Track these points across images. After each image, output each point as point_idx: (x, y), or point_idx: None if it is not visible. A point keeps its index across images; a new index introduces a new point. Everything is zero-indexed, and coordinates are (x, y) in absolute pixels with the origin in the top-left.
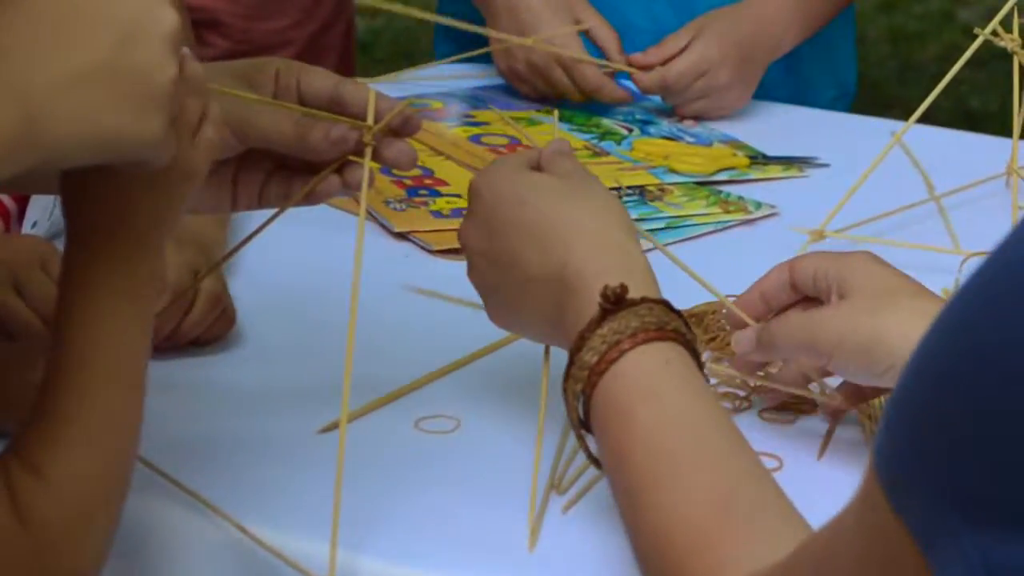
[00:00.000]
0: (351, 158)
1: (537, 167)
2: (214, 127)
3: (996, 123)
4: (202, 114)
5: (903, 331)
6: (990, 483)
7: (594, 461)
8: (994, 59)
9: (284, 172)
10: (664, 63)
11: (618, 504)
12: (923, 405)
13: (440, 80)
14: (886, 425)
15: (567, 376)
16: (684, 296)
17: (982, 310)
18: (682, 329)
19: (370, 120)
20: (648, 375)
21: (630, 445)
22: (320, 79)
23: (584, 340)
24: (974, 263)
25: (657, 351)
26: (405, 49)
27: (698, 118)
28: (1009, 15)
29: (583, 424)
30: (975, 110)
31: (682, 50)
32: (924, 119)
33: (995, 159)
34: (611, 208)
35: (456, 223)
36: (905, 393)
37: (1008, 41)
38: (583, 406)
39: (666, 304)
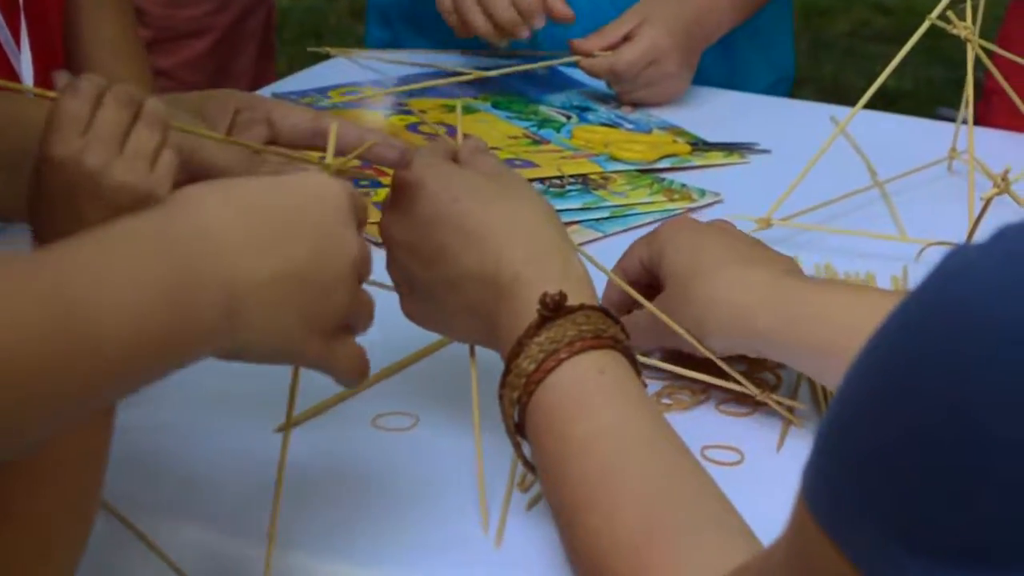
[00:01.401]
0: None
1: (454, 160)
2: (171, 152)
3: (912, 101)
4: (161, 142)
5: (719, 322)
6: (935, 514)
7: (530, 467)
8: (906, 35)
9: None
10: (606, 49)
11: (554, 520)
12: (861, 436)
13: (380, 63)
14: (818, 454)
15: (503, 383)
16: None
17: (922, 338)
18: (619, 336)
19: (330, 155)
20: (583, 386)
21: (564, 463)
22: (297, 114)
23: (522, 347)
24: (932, 252)
25: (593, 360)
26: (313, 29)
27: (639, 104)
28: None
29: (519, 430)
30: (890, 88)
31: (627, 37)
32: (840, 99)
33: (936, 143)
34: (545, 211)
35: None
36: (839, 423)
37: (961, 29)
38: (519, 413)
39: (603, 311)
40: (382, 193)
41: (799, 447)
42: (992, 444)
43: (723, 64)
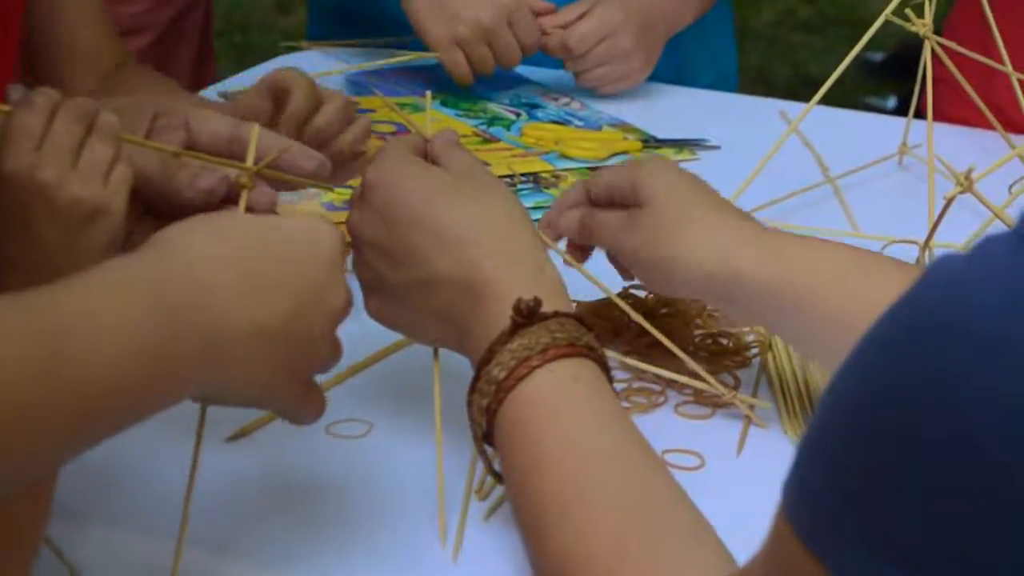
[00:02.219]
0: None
1: (424, 155)
2: (125, 166)
3: (835, 89)
4: (114, 156)
5: (698, 255)
6: (924, 531)
7: (497, 477)
8: (829, 24)
9: (152, 220)
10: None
11: (519, 528)
12: (847, 452)
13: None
14: (800, 469)
15: (472, 390)
16: (586, 288)
17: (910, 356)
18: (593, 344)
19: (250, 160)
20: (555, 395)
21: (534, 472)
22: (215, 121)
23: (493, 353)
24: (895, 250)
25: (566, 368)
26: (239, 22)
27: (597, 87)
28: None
29: (487, 439)
30: (814, 75)
31: (583, 16)
32: (765, 88)
33: (885, 139)
34: (521, 215)
35: (334, 216)
36: (824, 439)
37: (920, 26)
38: (487, 421)
39: (577, 318)
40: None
41: (760, 450)
42: (983, 462)
43: (668, 61)
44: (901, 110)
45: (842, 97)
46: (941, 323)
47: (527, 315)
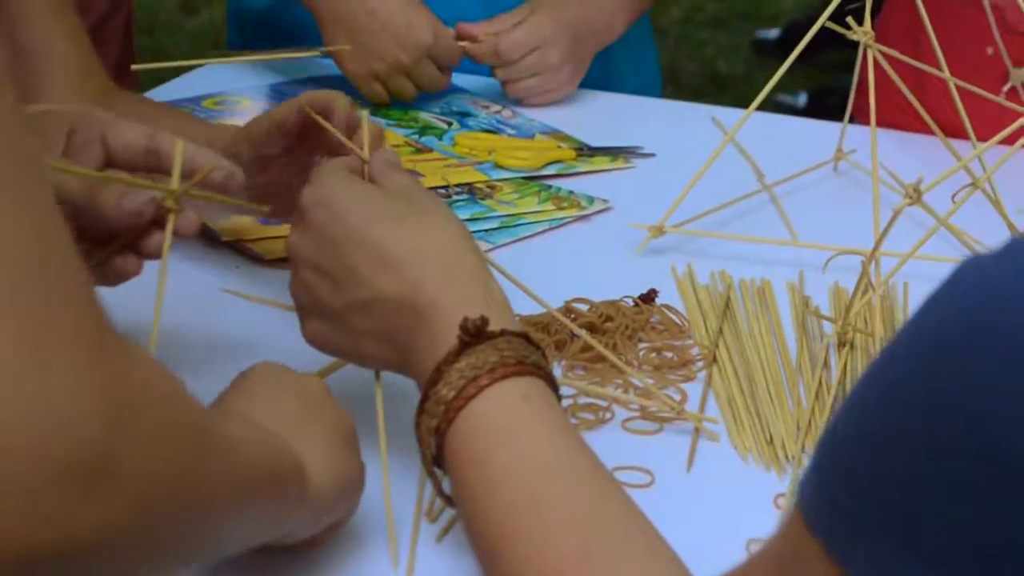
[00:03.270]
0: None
1: (362, 175)
2: None
3: (743, 85)
4: None
5: None
6: (955, 532)
7: (447, 500)
8: (736, 20)
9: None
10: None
11: (473, 549)
12: (872, 458)
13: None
14: (819, 474)
15: (420, 411)
16: (524, 301)
17: (942, 359)
18: (541, 362)
19: (175, 181)
20: (506, 414)
21: (488, 490)
22: (131, 132)
23: (441, 374)
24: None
25: (515, 387)
26: (145, 25)
27: (525, 97)
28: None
29: (436, 460)
30: (722, 73)
31: (515, 25)
32: (676, 86)
33: (820, 145)
34: (463, 234)
35: (285, 230)
36: (846, 444)
37: (860, 34)
38: (437, 442)
39: (525, 336)
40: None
41: (710, 465)
42: (1016, 466)
43: (595, 68)
44: (811, 108)
45: (752, 95)
46: (972, 327)
47: (474, 334)
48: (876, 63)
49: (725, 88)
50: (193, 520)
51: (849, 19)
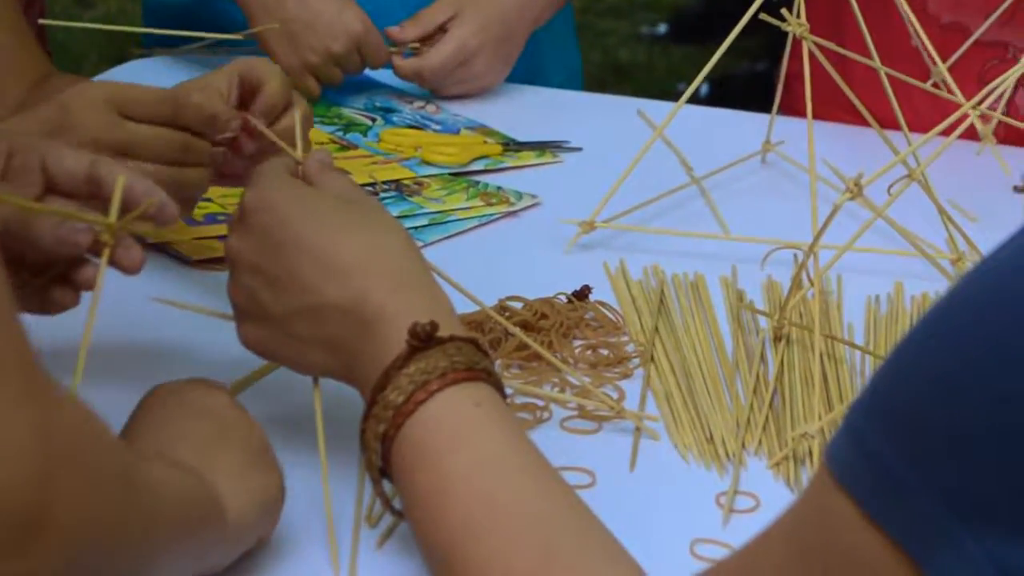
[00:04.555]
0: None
1: (295, 174)
2: None
3: (644, 74)
4: None
5: None
6: (1000, 489)
7: (393, 511)
8: (637, 9)
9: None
10: (423, 40)
11: (427, 555)
12: (920, 411)
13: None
14: (856, 434)
15: (367, 416)
16: (457, 300)
17: (994, 310)
18: (491, 368)
19: (113, 215)
20: (458, 418)
21: (443, 493)
22: (71, 159)
23: (389, 379)
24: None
25: (466, 392)
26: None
27: (452, 98)
28: None
29: (382, 466)
30: (624, 62)
31: (440, 27)
32: (570, 73)
33: (747, 136)
34: (407, 240)
35: (211, 229)
36: (898, 403)
37: (795, 26)
38: (384, 448)
39: (474, 342)
40: None
41: (650, 463)
42: None
43: (520, 62)
44: (713, 96)
45: (654, 83)
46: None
47: (424, 339)
48: (811, 54)
49: (627, 77)
50: (120, 568)
51: (784, 11)
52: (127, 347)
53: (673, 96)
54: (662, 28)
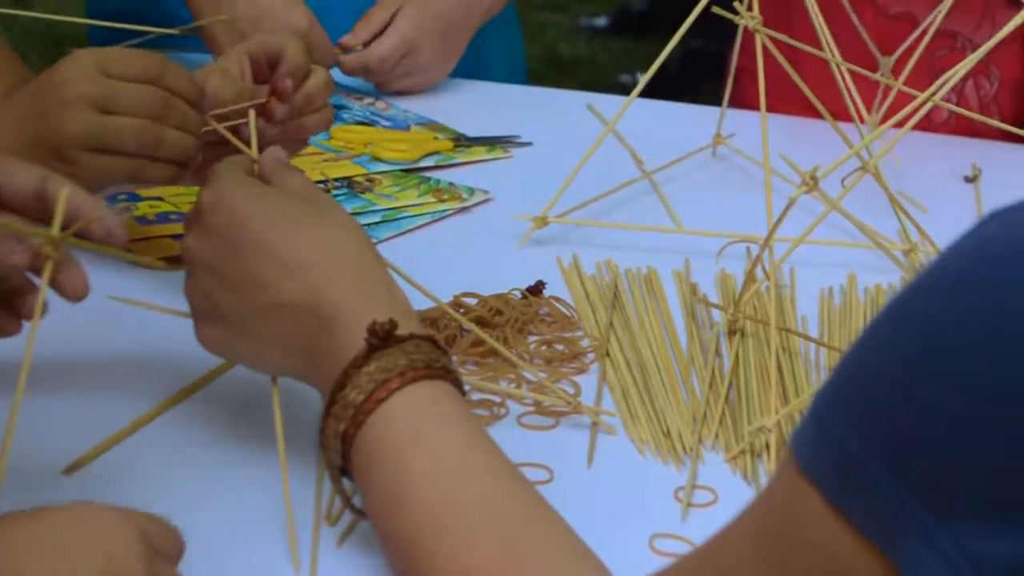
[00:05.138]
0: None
1: (251, 173)
2: None
3: (587, 68)
4: None
5: None
6: (963, 476)
7: (353, 509)
8: (575, 3)
9: None
10: (371, 42)
11: (389, 552)
12: (885, 401)
13: None
14: (819, 425)
15: (327, 415)
16: (412, 296)
17: (958, 298)
18: (450, 366)
19: (55, 228)
20: (418, 416)
21: (404, 491)
22: (22, 175)
23: (349, 377)
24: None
25: (426, 390)
26: None
27: (400, 93)
28: None
29: (342, 465)
30: (565, 56)
31: (387, 25)
32: (511, 68)
33: (697, 129)
34: (364, 238)
35: (164, 228)
36: (864, 393)
37: (748, 19)
38: (344, 446)
39: (433, 341)
40: (143, 206)
41: (608, 459)
42: None
43: (465, 57)
44: (651, 88)
45: (597, 77)
46: (998, 266)
47: (383, 338)
48: (764, 48)
49: (568, 71)
50: None
51: (736, 4)
52: (83, 346)
53: (615, 89)
54: (602, 20)
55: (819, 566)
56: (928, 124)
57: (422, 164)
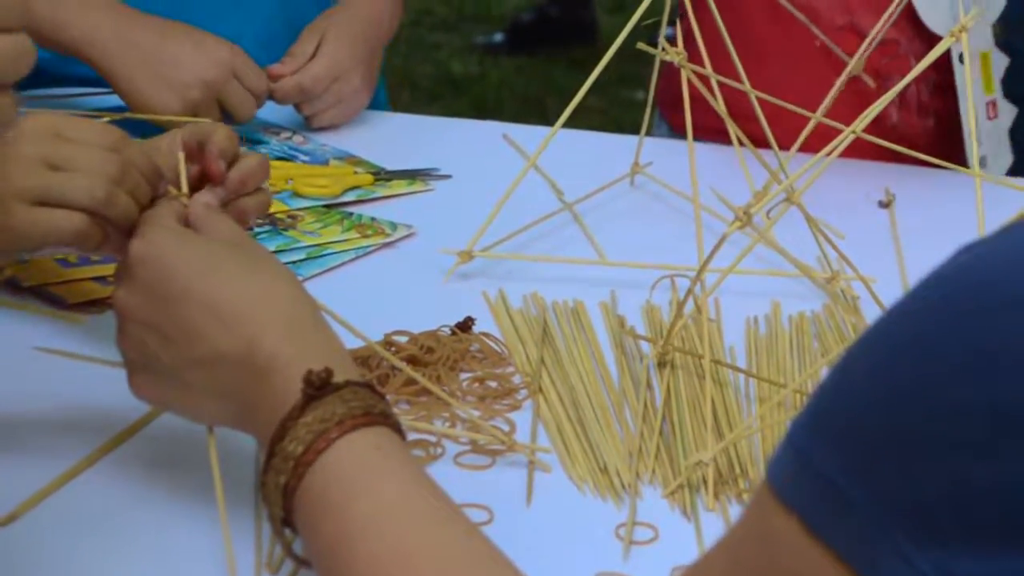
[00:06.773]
0: None
1: (183, 220)
2: None
3: (478, 86)
4: None
5: None
6: (944, 500)
7: (296, 559)
8: (466, 22)
9: None
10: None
11: None
12: (865, 426)
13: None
14: (796, 452)
15: (267, 468)
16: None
17: (938, 323)
18: (388, 411)
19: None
20: (360, 465)
21: (347, 542)
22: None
23: (287, 429)
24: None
25: (366, 438)
26: None
27: (329, 127)
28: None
29: (285, 518)
30: (456, 75)
31: (312, 56)
32: (412, 89)
33: (615, 159)
34: (297, 285)
35: (86, 271)
36: (844, 419)
37: (674, 55)
38: (286, 499)
39: (369, 386)
40: None
41: (546, 496)
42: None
43: None
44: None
45: (487, 95)
46: (976, 290)
47: (319, 387)
48: (690, 81)
49: (461, 90)
50: None
51: (662, 40)
52: (12, 400)
53: (506, 107)
54: (497, 37)
55: None
56: (849, 152)
57: (344, 199)
